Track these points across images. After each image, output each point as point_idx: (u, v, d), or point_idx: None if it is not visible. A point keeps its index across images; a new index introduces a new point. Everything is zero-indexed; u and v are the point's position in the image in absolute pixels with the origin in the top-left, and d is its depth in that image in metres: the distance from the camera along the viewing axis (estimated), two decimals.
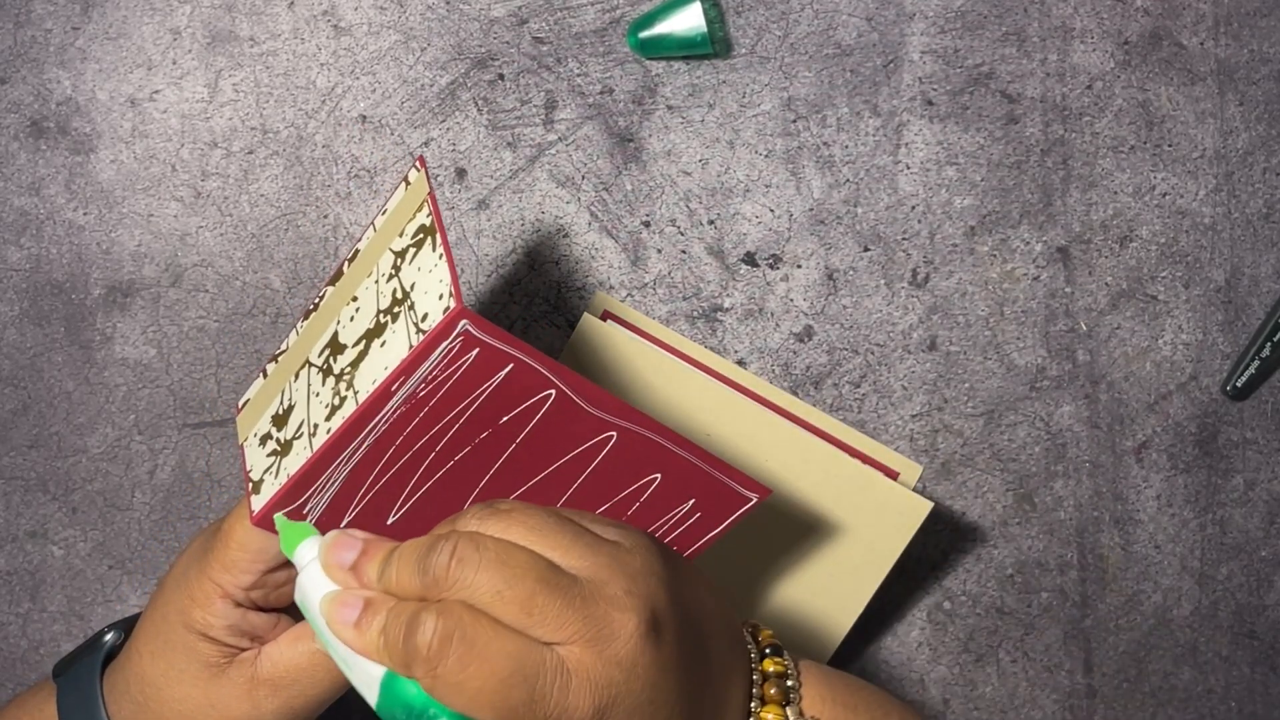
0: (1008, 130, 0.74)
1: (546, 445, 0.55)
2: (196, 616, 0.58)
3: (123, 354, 0.74)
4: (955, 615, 0.75)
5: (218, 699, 0.59)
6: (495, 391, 0.52)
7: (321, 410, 0.55)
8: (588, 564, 0.50)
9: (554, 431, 0.54)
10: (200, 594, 0.58)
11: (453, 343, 0.50)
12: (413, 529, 0.57)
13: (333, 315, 0.59)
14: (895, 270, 0.74)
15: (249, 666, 0.59)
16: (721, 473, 0.58)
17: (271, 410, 0.60)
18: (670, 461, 0.57)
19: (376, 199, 0.74)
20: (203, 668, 0.59)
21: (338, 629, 0.51)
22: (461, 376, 0.52)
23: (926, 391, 0.74)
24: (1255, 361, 0.73)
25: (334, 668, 0.58)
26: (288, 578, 0.59)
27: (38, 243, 0.74)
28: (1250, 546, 0.75)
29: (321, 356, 0.58)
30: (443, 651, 0.48)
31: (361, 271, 0.59)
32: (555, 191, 0.74)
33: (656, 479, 0.57)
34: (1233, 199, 0.74)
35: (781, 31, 0.74)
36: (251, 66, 0.74)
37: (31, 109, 0.74)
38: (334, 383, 0.55)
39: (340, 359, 0.56)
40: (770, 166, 0.74)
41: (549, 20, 0.74)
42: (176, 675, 0.59)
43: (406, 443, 0.53)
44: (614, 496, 0.58)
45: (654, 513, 0.59)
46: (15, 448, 0.75)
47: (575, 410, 0.54)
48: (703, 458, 0.57)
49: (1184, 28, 0.74)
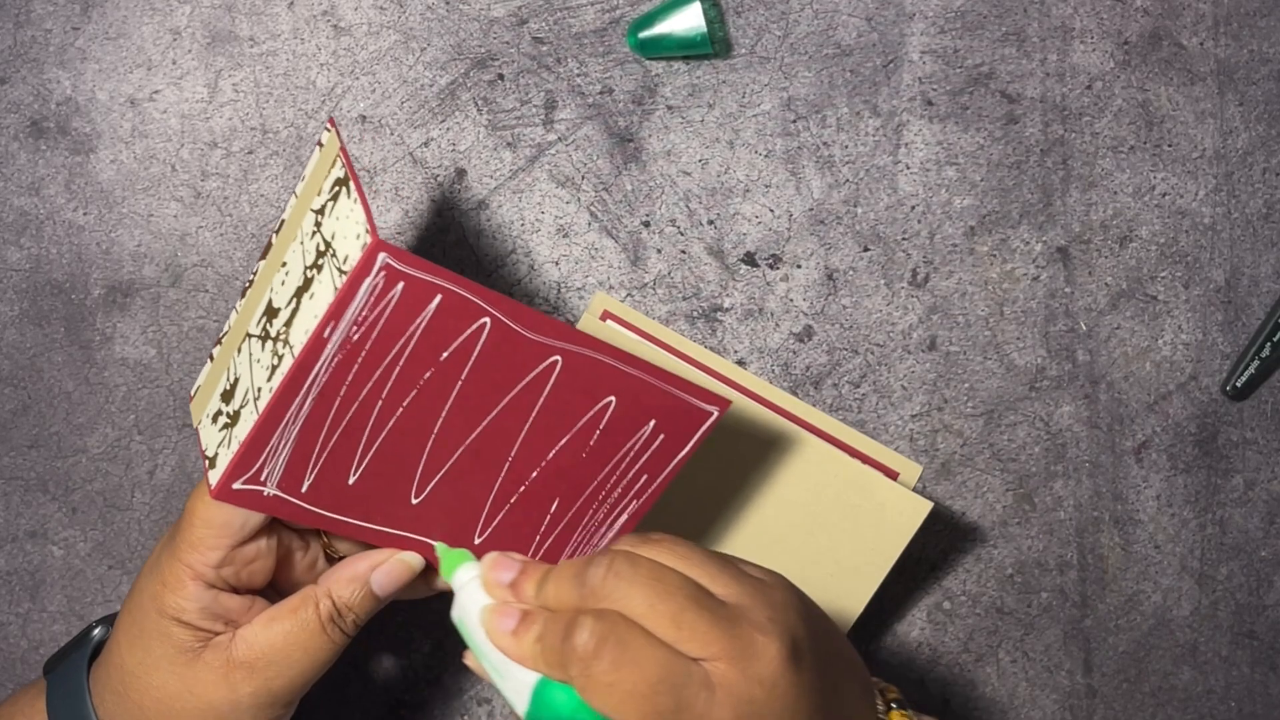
0: (1008, 130, 0.74)
1: (493, 379, 0.55)
2: (169, 601, 0.58)
3: (123, 354, 0.74)
4: (955, 615, 0.75)
5: (194, 683, 0.59)
6: (429, 326, 0.53)
7: (263, 374, 0.55)
8: (733, 591, 0.53)
9: (498, 363, 0.54)
10: (171, 578, 0.59)
11: (376, 278, 0.50)
12: (374, 489, 0.57)
13: (266, 285, 0.59)
14: (895, 270, 0.74)
15: (224, 650, 0.59)
16: (677, 388, 0.57)
17: (220, 388, 0.60)
18: (623, 383, 0.57)
19: (376, 199, 0.74)
20: (178, 653, 0.59)
21: (496, 637, 0.54)
22: (392, 314, 0.52)
23: (926, 391, 0.74)
24: (1255, 361, 0.74)
25: (310, 648, 0.59)
26: (256, 553, 0.59)
27: (38, 243, 0.74)
28: (1250, 546, 0.75)
29: (259, 325, 0.58)
30: (599, 652, 0.50)
31: (288, 238, 0.59)
32: (555, 191, 0.74)
33: (612, 402, 0.57)
34: (1233, 199, 0.74)
35: (781, 31, 0.74)
36: (251, 66, 0.74)
37: (31, 109, 0.74)
38: (272, 345, 0.56)
39: (275, 322, 0.56)
40: (770, 166, 0.74)
41: (549, 20, 0.74)
42: (153, 662, 0.59)
43: (351, 392, 0.54)
44: (572, 426, 0.58)
45: (616, 440, 0.58)
46: (15, 448, 0.75)
47: (514, 337, 0.54)
48: (654, 374, 0.57)
49: (1184, 28, 0.74)
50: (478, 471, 0.58)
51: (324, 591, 0.59)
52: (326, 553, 0.63)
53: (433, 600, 0.74)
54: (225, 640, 0.59)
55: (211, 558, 0.58)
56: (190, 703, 0.59)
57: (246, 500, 0.56)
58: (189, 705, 0.59)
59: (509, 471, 0.59)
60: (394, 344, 0.53)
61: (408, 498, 0.58)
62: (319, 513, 0.58)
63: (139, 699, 0.60)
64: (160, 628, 0.59)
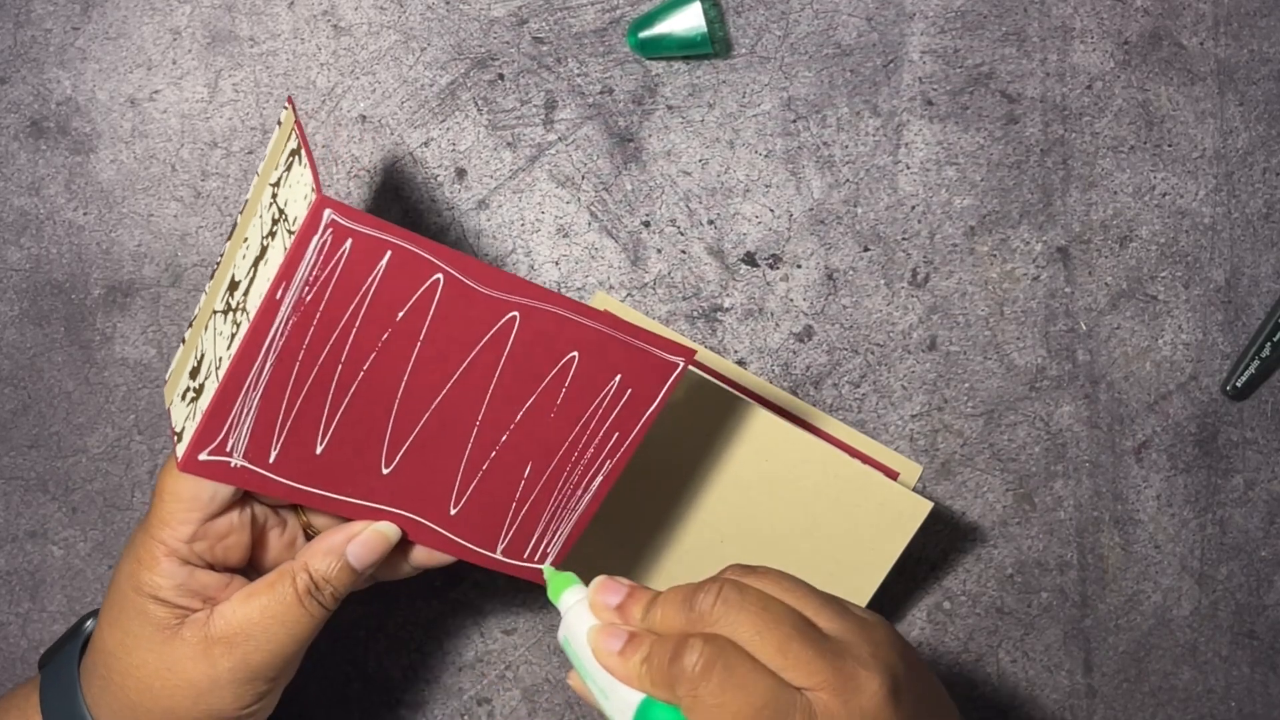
0: (1008, 130, 0.74)
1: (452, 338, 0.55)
2: (145, 579, 0.59)
3: (123, 354, 0.74)
4: (955, 615, 0.75)
5: (173, 661, 0.59)
6: (382, 285, 0.53)
7: (224, 344, 0.55)
8: (837, 626, 0.54)
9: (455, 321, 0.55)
10: (146, 555, 0.59)
11: (323, 236, 0.51)
12: (342, 458, 0.57)
13: (230, 262, 0.60)
14: (895, 270, 0.74)
15: (202, 626, 0.59)
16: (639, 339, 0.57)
17: (189, 366, 0.60)
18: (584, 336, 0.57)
19: (376, 199, 0.74)
20: (155, 630, 0.59)
21: (603, 657, 0.55)
22: (343, 273, 0.52)
23: (926, 391, 0.74)
24: (1255, 361, 0.74)
25: (288, 621, 0.59)
26: (229, 527, 0.60)
27: (38, 243, 0.74)
28: (1250, 546, 0.75)
29: (223, 300, 0.58)
30: (706, 674, 0.51)
31: (250, 215, 0.60)
32: (555, 191, 0.74)
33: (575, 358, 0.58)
34: (1233, 199, 0.74)
35: (781, 31, 0.74)
36: (251, 66, 0.74)
37: (31, 109, 0.74)
38: (232, 316, 0.56)
39: (236, 294, 0.56)
40: (770, 166, 0.74)
41: (549, 20, 0.74)
42: (132, 642, 0.59)
43: (309, 356, 0.54)
44: (537, 386, 0.58)
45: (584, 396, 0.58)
46: (15, 448, 0.75)
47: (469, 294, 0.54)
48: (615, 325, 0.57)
49: (1184, 28, 0.74)
50: (446, 438, 0.58)
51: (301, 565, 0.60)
52: (305, 531, 0.63)
53: (432, 600, 0.74)
54: (203, 617, 0.59)
55: (183, 532, 0.58)
56: (169, 680, 0.59)
57: (213, 472, 0.56)
58: (168, 682, 0.59)
59: (478, 437, 0.59)
60: (348, 304, 0.53)
61: (378, 467, 0.58)
62: (289, 484, 0.58)
63: (121, 680, 0.60)
64: (137, 606, 0.59)
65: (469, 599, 0.74)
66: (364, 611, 0.74)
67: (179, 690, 0.59)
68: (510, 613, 0.74)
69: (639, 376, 0.59)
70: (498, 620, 0.75)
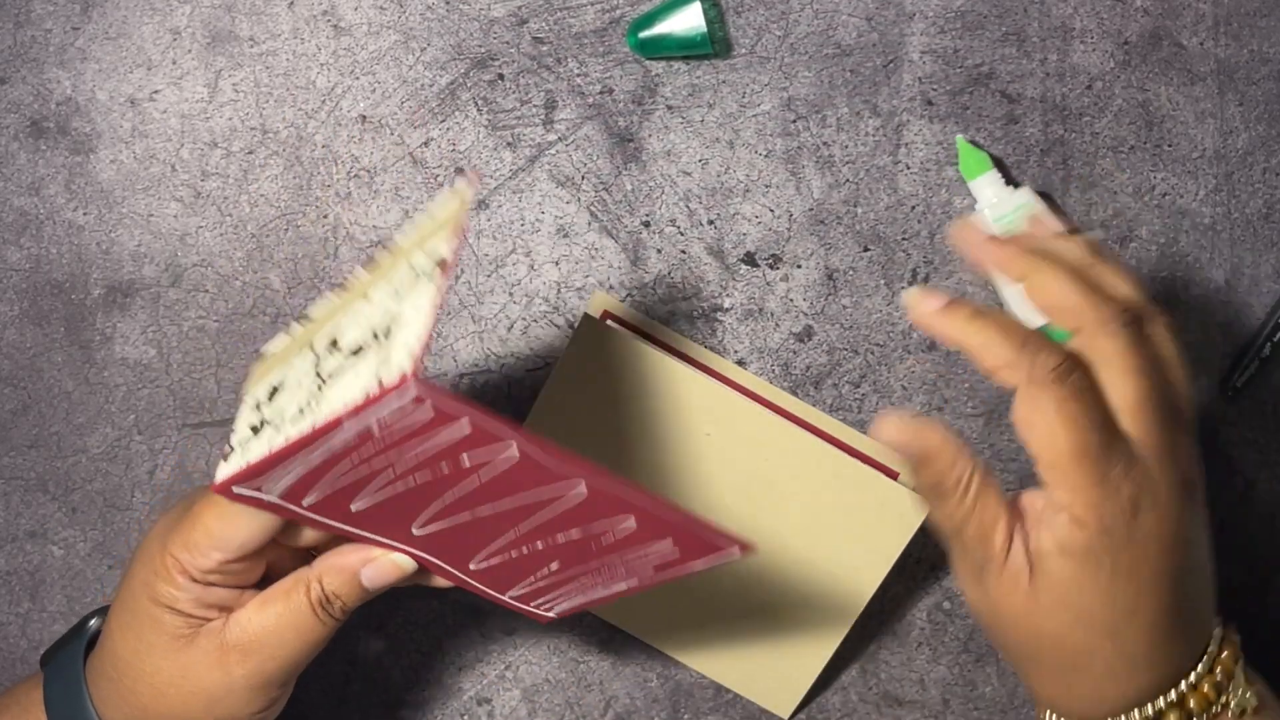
0: (1008, 130, 0.74)
1: (511, 482, 0.55)
2: (160, 589, 0.59)
3: (123, 354, 0.74)
4: (955, 615, 0.75)
5: (188, 669, 0.59)
6: (451, 438, 0.53)
7: (293, 408, 0.55)
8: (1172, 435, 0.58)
9: (519, 478, 0.54)
10: (162, 568, 0.59)
11: (405, 400, 0.50)
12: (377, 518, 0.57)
13: (347, 307, 0.59)
14: (895, 270, 0.74)
15: (217, 635, 0.59)
16: (701, 526, 0.56)
17: (272, 379, 0.60)
18: (646, 512, 0.56)
19: (376, 199, 0.74)
20: (171, 639, 0.59)
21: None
22: (419, 427, 0.52)
23: (926, 391, 0.74)
24: (1255, 361, 0.73)
25: (302, 630, 0.59)
26: (245, 569, 0.59)
27: (37, 243, 0.74)
28: (1250, 546, 0.75)
29: (321, 347, 0.58)
30: (1067, 375, 0.56)
31: (384, 271, 0.59)
32: (555, 191, 0.74)
33: (632, 523, 0.56)
34: (1232, 199, 0.74)
35: (781, 31, 0.74)
36: (251, 66, 0.74)
37: (31, 109, 0.74)
38: (312, 385, 0.56)
39: (328, 363, 0.56)
40: (770, 166, 0.74)
41: (549, 20, 0.74)
42: (146, 649, 0.59)
43: (361, 462, 0.54)
44: (584, 528, 0.57)
45: (630, 544, 0.58)
46: (15, 448, 0.75)
47: (539, 467, 0.54)
48: (681, 513, 0.55)
49: (1184, 28, 0.74)
50: (484, 531, 0.58)
51: (315, 575, 0.60)
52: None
53: (432, 600, 0.74)
54: (218, 625, 0.59)
55: (202, 564, 0.58)
56: (184, 686, 0.59)
57: (246, 501, 0.56)
58: (183, 689, 0.59)
59: (517, 539, 0.58)
60: (415, 445, 0.53)
61: (409, 529, 0.58)
62: (319, 519, 0.58)
63: (132, 684, 0.60)
64: (152, 614, 0.59)
65: (469, 599, 0.74)
66: (364, 611, 0.74)
67: (193, 697, 0.59)
68: (510, 613, 0.75)
69: (689, 546, 0.58)
70: (498, 620, 0.75)
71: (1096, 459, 0.54)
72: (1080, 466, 0.55)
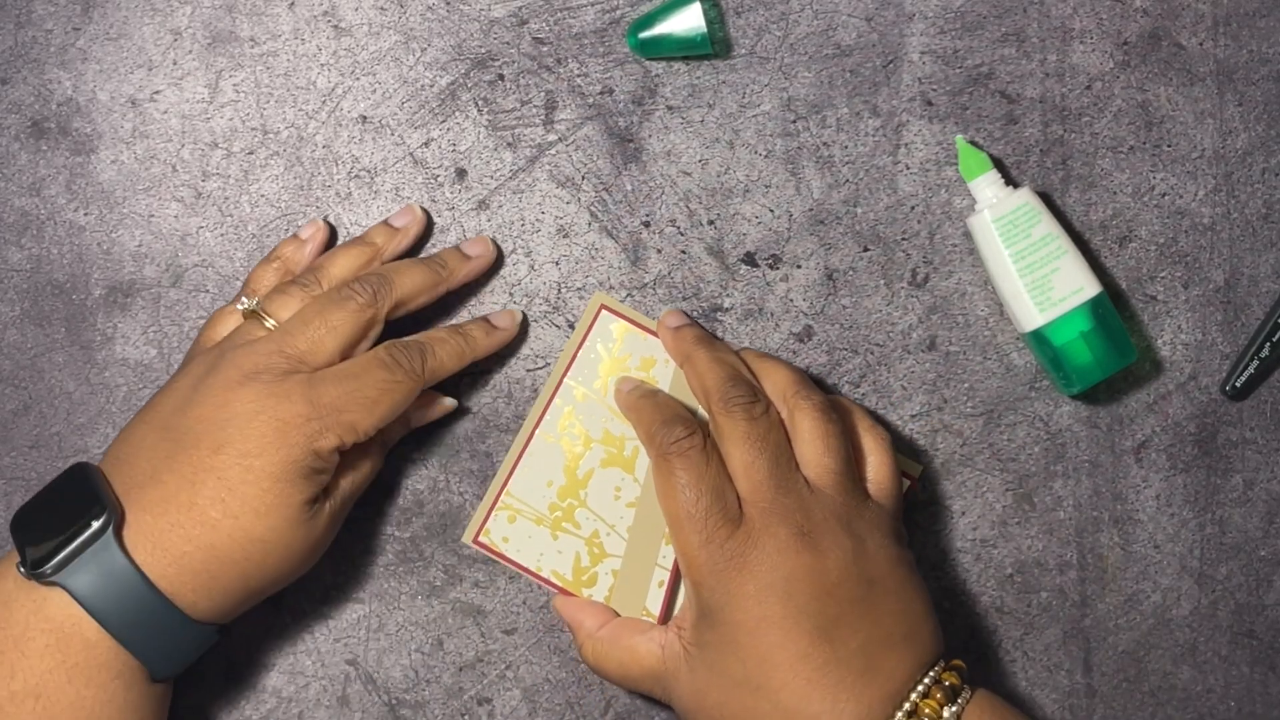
0: (1007, 130, 0.74)
1: None
2: (315, 461, 0.63)
3: (123, 354, 0.74)
4: (955, 615, 0.75)
5: (313, 536, 0.65)
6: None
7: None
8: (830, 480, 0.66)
9: None
10: (320, 436, 0.63)
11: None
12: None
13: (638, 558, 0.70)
14: (895, 270, 0.74)
15: (339, 496, 0.66)
16: None
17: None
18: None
19: (376, 199, 0.74)
20: (305, 505, 0.64)
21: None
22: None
23: (926, 391, 0.74)
24: (1255, 361, 0.74)
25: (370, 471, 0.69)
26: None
27: (38, 243, 0.74)
28: (1250, 546, 0.75)
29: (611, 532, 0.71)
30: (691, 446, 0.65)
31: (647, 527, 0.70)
32: (555, 191, 0.74)
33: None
34: (1232, 199, 0.74)
35: (781, 32, 0.74)
36: (252, 67, 0.74)
37: (32, 109, 0.74)
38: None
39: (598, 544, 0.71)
40: (770, 166, 0.74)
41: (549, 20, 0.74)
42: (284, 523, 0.63)
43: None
44: None
45: None
46: (16, 448, 0.75)
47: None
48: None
49: (1183, 28, 0.74)
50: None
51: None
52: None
53: (433, 600, 0.74)
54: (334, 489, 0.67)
55: (365, 426, 0.65)
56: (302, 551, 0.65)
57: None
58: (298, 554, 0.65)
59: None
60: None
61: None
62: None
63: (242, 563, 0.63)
64: (298, 486, 0.63)
65: (469, 599, 0.74)
66: (364, 611, 0.74)
67: (287, 560, 0.65)
68: (510, 613, 0.75)
69: None
70: (498, 620, 0.75)
71: (701, 520, 0.61)
72: (685, 527, 0.62)
